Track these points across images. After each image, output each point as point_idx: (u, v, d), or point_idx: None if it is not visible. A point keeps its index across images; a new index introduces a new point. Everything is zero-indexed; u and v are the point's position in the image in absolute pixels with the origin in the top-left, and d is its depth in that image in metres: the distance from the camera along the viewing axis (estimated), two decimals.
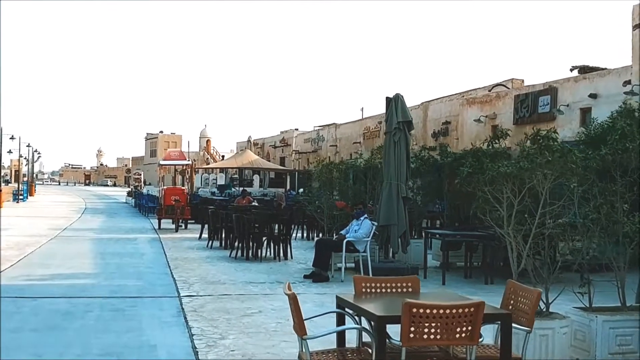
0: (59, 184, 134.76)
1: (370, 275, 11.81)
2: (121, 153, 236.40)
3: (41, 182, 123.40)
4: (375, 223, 12.16)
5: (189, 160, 32.90)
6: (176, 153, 30.73)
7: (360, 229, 11.97)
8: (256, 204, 20.94)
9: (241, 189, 29.09)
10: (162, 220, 23.48)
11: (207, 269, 13.07)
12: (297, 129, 53.81)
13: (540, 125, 20.01)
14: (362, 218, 12.15)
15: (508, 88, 23.51)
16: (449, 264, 13.19)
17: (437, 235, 12.35)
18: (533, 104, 19.95)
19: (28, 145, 62.84)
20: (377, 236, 12.39)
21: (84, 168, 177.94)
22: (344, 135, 41.95)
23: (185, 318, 8.41)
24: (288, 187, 46.13)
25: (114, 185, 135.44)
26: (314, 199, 14.47)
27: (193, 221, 24.51)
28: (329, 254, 11.77)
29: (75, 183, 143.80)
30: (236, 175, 49.36)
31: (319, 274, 11.76)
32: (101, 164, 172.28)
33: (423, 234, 14.77)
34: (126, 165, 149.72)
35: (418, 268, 12.73)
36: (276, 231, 14.91)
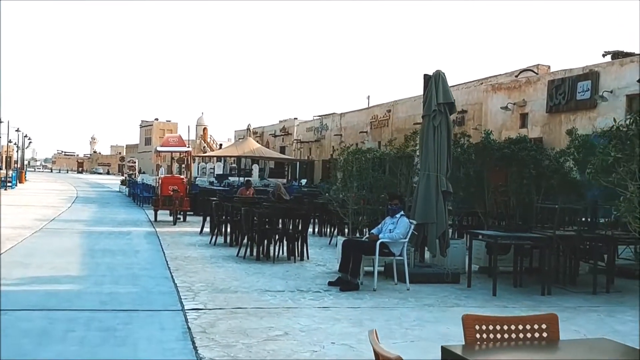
0: (51, 171, 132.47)
1: (407, 282, 10.04)
2: (115, 140, 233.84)
3: (33, 169, 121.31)
4: (414, 221, 10.35)
5: (189, 147, 30.90)
6: (175, 139, 28.72)
7: (397, 229, 10.14)
8: (263, 196, 19.10)
9: (246, 179, 27.22)
10: (159, 212, 21.65)
11: (213, 271, 11.24)
12: (296, 119, 52.00)
13: (579, 114, 18.31)
14: (398, 215, 10.32)
15: (536, 73, 21.70)
16: (492, 268, 11.48)
17: (487, 237, 10.52)
18: (570, 90, 18.12)
19: (17, 130, 60.79)
20: (412, 236, 10.58)
21: (77, 155, 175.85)
22: (350, 124, 40.13)
23: (193, 343, 6.59)
24: (289, 178, 44.34)
25: (108, 173, 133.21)
26: (338, 191, 12.58)
27: (192, 213, 22.74)
28: (359, 258, 9.94)
29: (67, 170, 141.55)
30: (234, 165, 47.55)
31: (346, 281, 9.94)
32: (95, 152, 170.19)
33: (466, 234, 12.98)
34: (120, 153, 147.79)
35: (459, 274, 10.99)
36: (290, 228, 13.09)
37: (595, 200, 11.64)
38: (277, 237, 12.94)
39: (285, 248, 13.05)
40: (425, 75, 11.30)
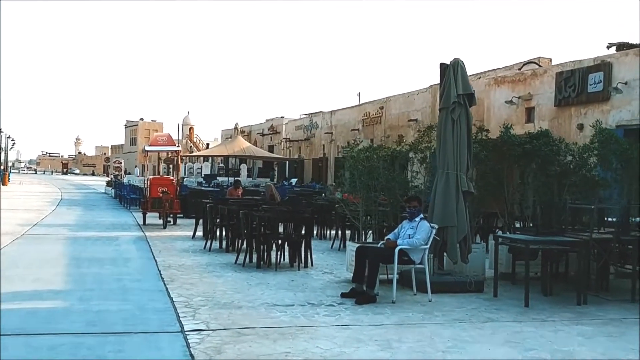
0: (36, 173, 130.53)
1: (429, 292, 9.09)
2: (100, 141, 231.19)
3: (17, 171, 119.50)
4: (435, 226, 9.39)
5: (179, 146, 29.77)
6: (164, 138, 27.51)
7: (417, 234, 9.18)
8: (257, 197, 18.10)
9: (235, 178, 26.18)
10: (147, 214, 20.59)
11: (212, 282, 10.21)
12: (283, 117, 51.02)
13: (590, 107, 17.44)
14: (417, 219, 9.36)
15: (540, 66, 20.81)
16: (515, 274, 10.58)
17: (516, 241, 9.59)
18: (581, 82, 17.23)
19: (0, 132, 59.30)
20: (432, 242, 9.61)
21: (62, 156, 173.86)
22: (340, 121, 39.12)
23: None
24: (279, 177, 43.33)
25: (93, 174, 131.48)
26: (348, 192, 11.62)
27: (182, 215, 21.68)
28: (375, 267, 8.96)
29: (52, 172, 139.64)
30: (222, 165, 46.44)
31: (361, 292, 8.98)
32: (79, 153, 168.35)
33: (480, 237, 12.09)
34: (105, 154, 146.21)
35: (482, 282, 10.06)
36: (293, 232, 12.11)
37: (628, 199, 10.74)
38: (279, 242, 11.97)
39: (287, 254, 12.09)
40: (442, 64, 10.35)
